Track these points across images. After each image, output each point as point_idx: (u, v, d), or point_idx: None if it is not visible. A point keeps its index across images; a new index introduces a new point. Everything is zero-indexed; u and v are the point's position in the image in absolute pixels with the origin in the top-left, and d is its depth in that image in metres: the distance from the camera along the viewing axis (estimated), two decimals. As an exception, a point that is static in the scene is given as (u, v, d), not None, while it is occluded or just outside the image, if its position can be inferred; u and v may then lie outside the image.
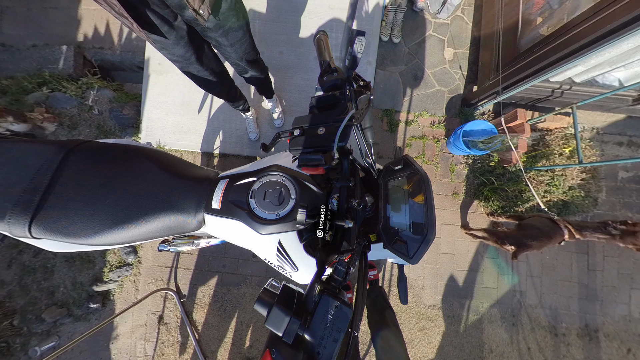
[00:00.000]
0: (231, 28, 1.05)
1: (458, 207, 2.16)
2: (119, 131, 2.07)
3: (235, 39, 1.11)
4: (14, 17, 2.21)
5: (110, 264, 2.00)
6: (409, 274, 2.08)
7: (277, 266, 0.80)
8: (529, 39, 1.76)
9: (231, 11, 0.99)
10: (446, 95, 2.25)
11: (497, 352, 2.07)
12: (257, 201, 0.75)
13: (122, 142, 0.87)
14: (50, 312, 1.89)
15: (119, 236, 0.71)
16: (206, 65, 1.20)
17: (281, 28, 2.11)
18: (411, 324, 2.06)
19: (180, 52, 1.06)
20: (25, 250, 1.96)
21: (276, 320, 0.47)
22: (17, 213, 0.62)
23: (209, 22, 0.97)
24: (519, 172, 2.05)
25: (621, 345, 2.12)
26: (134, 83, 2.28)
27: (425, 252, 0.61)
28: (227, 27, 1.03)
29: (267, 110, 2.06)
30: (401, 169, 0.76)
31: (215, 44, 1.13)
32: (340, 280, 0.56)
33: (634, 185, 2.28)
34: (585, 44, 1.31)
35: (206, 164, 2.08)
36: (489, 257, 2.13)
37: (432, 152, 2.18)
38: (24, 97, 2.00)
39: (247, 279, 2.02)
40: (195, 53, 1.10)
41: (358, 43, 0.71)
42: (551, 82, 1.82)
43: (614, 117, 2.29)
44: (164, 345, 1.96)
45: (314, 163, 0.67)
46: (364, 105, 0.72)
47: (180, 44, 1.03)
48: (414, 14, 2.28)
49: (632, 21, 1.12)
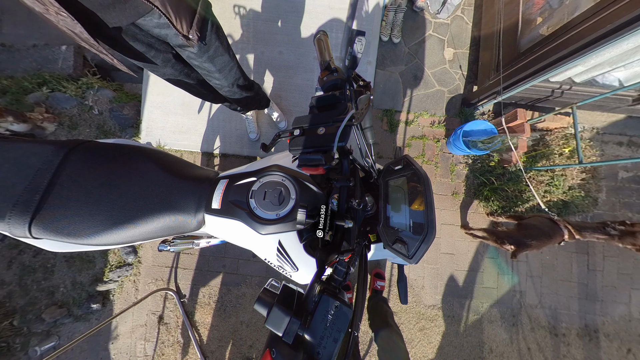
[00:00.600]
0: (216, 52, 1.05)
1: (458, 207, 2.15)
2: (119, 131, 2.07)
3: (222, 63, 1.11)
4: (14, 17, 2.21)
5: (110, 264, 2.00)
6: (409, 274, 2.08)
7: (277, 266, 0.80)
8: (529, 39, 1.76)
9: (213, 34, 1.00)
10: (446, 95, 2.25)
11: (497, 352, 2.07)
12: (257, 201, 0.75)
13: (122, 142, 0.87)
14: (50, 312, 1.89)
15: (119, 236, 0.71)
16: (197, 79, 1.21)
17: (281, 28, 2.11)
18: (411, 324, 2.06)
19: (169, 72, 1.08)
20: (25, 250, 1.96)
21: (276, 320, 0.47)
22: (17, 213, 0.62)
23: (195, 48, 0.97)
24: (519, 172, 2.05)
25: (621, 345, 2.12)
26: (134, 83, 2.28)
27: (425, 252, 0.61)
28: (212, 51, 1.03)
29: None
30: (401, 169, 0.75)
31: (205, 72, 1.13)
32: (340, 280, 0.56)
33: (634, 185, 2.28)
34: (585, 44, 1.31)
35: (206, 164, 2.08)
36: (489, 257, 2.13)
37: (432, 152, 2.18)
38: (24, 97, 2.00)
39: (247, 279, 2.02)
40: (185, 69, 1.12)
41: (358, 43, 0.71)
42: (551, 82, 1.82)
43: (614, 117, 2.28)
44: (164, 345, 1.96)
45: (314, 163, 0.67)
46: (364, 105, 0.72)
47: (169, 64, 1.05)
48: (414, 14, 2.28)
49: (632, 21, 1.12)
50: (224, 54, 1.10)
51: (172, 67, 1.06)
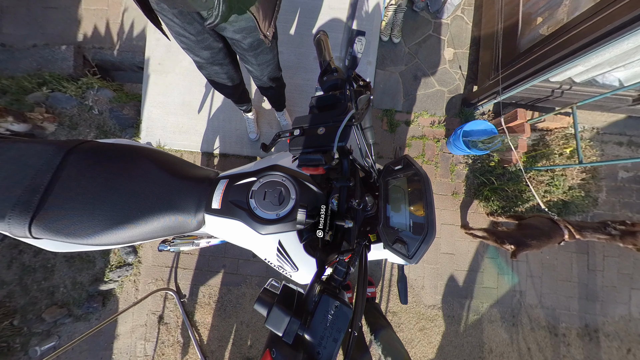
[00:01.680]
0: (264, 50, 1.08)
1: (458, 207, 2.15)
2: (119, 131, 2.07)
3: (264, 60, 1.14)
4: (14, 17, 2.20)
5: (111, 264, 2.00)
6: (409, 274, 2.08)
7: (277, 266, 0.80)
8: (529, 38, 1.76)
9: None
10: (446, 95, 2.25)
11: (497, 352, 2.07)
12: (257, 201, 0.75)
13: (122, 142, 0.87)
14: (50, 312, 1.89)
15: (119, 236, 0.71)
16: (226, 71, 1.20)
17: (281, 28, 2.11)
18: (411, 324, 2.06)
19: (206, 55, 1.07)
20: (25, 250, 1.96)
21: (276, 320, 0.47)
22: (17, 213, 0.62)
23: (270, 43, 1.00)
24: (519, 172, 2.05)
25: (621, 345, 2.12)
26: (134, 83, 2.28)
27: (425, 252, 0.61)
28: (260, 50, 1.06)
29: (267, 110, 2.06)
30: (401, 169, 0.76)
31: (244, 59, 1.14)
32: (340, 280, 0.56)
33: (634, 185, 2.28)
34: (585, 44, 1.31)
35: (206, 164, 2.08)
36: (489, 257, 2.13)
37: (432, 152, 2.18)
38: (24, 97, 2.00)
39: (247, 279, 2.02)
40: (219, 58, 1.11)
41: (358, 43, 0.71)
42: (551, 82, 1.82)
43: (614, 117, 2.28)
44: (164, 345, 1.96)
45: (314, 163, 0.67)
46: (364, 105, 0.72)
47: (209, 48, 1.04)
48: (414, 14, 2.28)
49: (632, 21, 1.12)
50: (270, 52, 1.12)
51: (211, 52, 1.05)
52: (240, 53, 1.10)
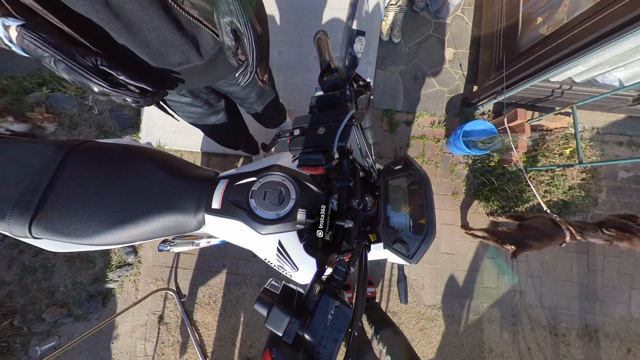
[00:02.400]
0: (269, 94, 1.05)
1: (458, 207, 2.15)
2: (119, 131, 2.07)
3: (266, 101, 1.10)
4: (14, 17, 2.21)
5: (111, 264, 2.00)
6: (409, 274, 2.08)
7: (277, 266, 0.80)
8: (529, 38, 1.76)
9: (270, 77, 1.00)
10: (446, 95, 2.25)
11: (497, 352, 2.07)
12: (257, 201, 0.75)
13: (122, 142, 0.87)
14: (50, 312, 1.89)
15: (119, 236, 0.71)
16: (222, 119, 1.12)
17: (281, 28, 2.11)
18: (411, 324, 2.06)
19: (213, 120, 1.02)
20: (25, 250, 1.96)
21: (276, 320, 0.47)
22: (17, 213, 0.62)
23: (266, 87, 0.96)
24: (519, 172, 2.05)
25: (621, 345, 2.12)
26: (134, 83, 2.27)
27: (425, 252, 0.61)
28: (265, 96, 1.03)
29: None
30: (401, 168, 0.75)
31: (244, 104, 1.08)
32: (340, 280, 0.56)
33: (634, 185, 2.28)
34: (585, 44, 1.31)
35: (206, 164, 2.08)
36: (489, 257, 2.13)
37: (432, 152, 2.18)
38: (24, 97, 2.00)
39: (247, 279, 2.02)
40: (212, 107, 1.03)
41: (358, 43, 0.71)
42: (551, 82, 1.82)
43: (614, 117, 2.28)
44: (164, 345, 1.96)
45: (314, 163, 0.67)
46: (364, 105, 0.72)
47: (215, 113, 1.01)
48: (414, 14, 2.28)
49: (632, 21, 1.12)
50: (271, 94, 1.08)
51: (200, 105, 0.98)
52: (247, 107, 1.06)
